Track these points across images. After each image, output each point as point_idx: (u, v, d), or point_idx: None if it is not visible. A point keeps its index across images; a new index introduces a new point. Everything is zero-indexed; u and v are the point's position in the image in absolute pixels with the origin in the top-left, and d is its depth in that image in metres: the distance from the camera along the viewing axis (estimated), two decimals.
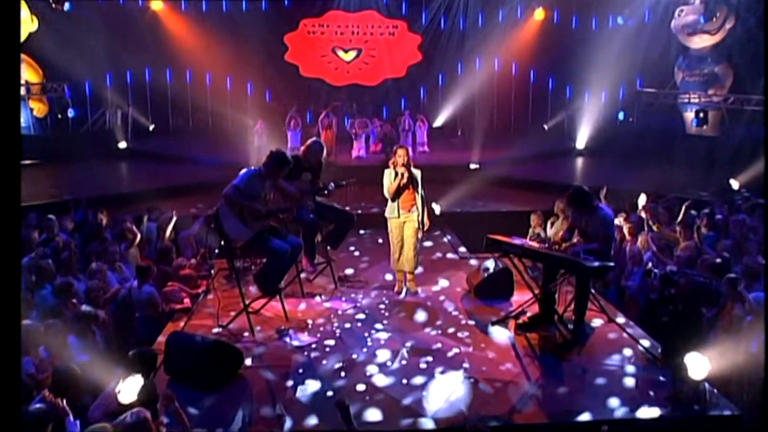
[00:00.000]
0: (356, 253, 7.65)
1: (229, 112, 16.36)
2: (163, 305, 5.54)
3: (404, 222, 5.98)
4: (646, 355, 4.87)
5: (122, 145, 14.49)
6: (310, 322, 5.41)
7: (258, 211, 4.95)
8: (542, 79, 17.30)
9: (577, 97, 16.49)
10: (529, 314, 5.37)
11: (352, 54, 17.36)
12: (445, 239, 8.26)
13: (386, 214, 6.01)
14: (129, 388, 3.35)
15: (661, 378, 4.44)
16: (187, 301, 5.75)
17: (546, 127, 16.85)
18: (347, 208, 6.51)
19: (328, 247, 6.29)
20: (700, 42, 14.09)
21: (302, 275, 6.06)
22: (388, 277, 6.52)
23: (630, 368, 4.67)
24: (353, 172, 7.83)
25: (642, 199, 7.27)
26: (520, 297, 5.65)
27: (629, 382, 4.47)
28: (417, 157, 12.64)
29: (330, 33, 17.24)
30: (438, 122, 16.50)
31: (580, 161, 14.06)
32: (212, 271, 6.51)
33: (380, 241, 7.63)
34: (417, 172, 5.97)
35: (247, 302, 5.25)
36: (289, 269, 5.48)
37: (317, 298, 6.00)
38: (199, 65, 16.20)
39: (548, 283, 5.36)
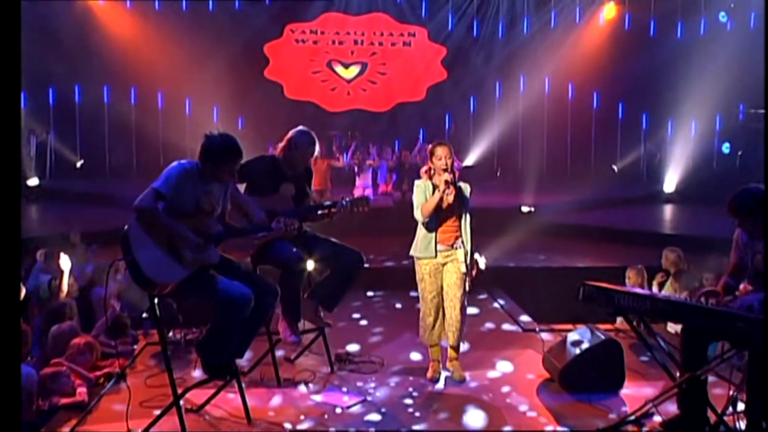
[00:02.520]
0: (363, 322, 6.84)
1: (189, 144, 15.40)
2: (39, 401, 4.46)
3: (444, 264, 5.13)
4: None
5: (32, 182, 13.73)
6: (288, 426, 4.44)
7: (205, 231, 4.01)
8: (609, 104, 16.83)
9: (657, 128, 16.11)
10: (661, 418, 4.37)
11: (354, 70, 16.95)
12: (495, 304, 7.58)
13: (415, 253, 5.18)
14: None
15: None
16: (81, 391, 4.74)
17: (615, 168, 16.30)
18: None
19: (320, 307, 5.28)
20: None
21: (279, 352, 5.26)
22: (415, 356, 5.76)
23: None
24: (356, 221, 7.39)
25: None
26: (637, 389, 5.00)
27: None
28: None
29: (325, 42, 16.90)
30: (469, 160, 15.95)
31: (669, 209, 13.61)
32: (135, 346, 5.80)
33: (398, 305, 7.40)
34: (465, 187, 5.17)
35: (180, 392, 4.25)
36: (255, 336, 4.44)
37: (302, 388, 5.06)
38: (148, 82, 15.60)
39: (694, 363, 4.21)
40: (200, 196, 4.03)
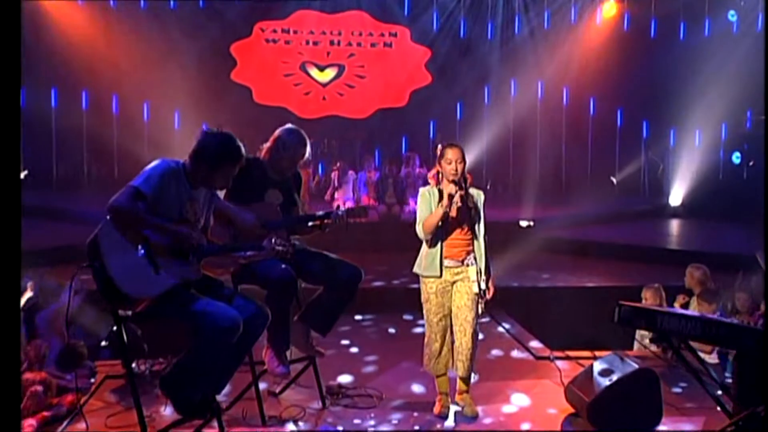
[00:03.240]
0: (353, 350, 6.58)
1: (146, 153, 15.04)
2: None
3: (454, 282, 4.89)
4: None
5: None
6: None
7: (186, 239, 3.75)
8: (607, 111, 16.75)
9: (659, 137, 16.07)
10: None
11: (330, 73, 16.70)
12: (500, 328, 7.37)
13: (418, 270, 4.94)
14: None
15: None
16: None
17: (614, 179, 16.28)
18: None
19: (311, 332, 5.02)
20: None
21: (262, 385, 4.93)
22: (417, 388, 5.55)
23: None
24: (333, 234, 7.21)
25: None
26: (675, 425, 4.82)
27: None
28: None
29: (299, 42, 16.64)
30: None
31: (676, 224, 13.59)
32: (92, 379, 5.48)
33: (391, 330, 7.25)
34: (478, 194, 4.95)
35: None
36: (237, 367, 4.16)
37: (290, 427, 4.79)
38: (101, 84, 15.19)
39: (752, 396, 4.02)
40: (185, 202, 3.78)
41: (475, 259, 4.82)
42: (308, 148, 4.86)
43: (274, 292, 4.53)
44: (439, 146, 4.92)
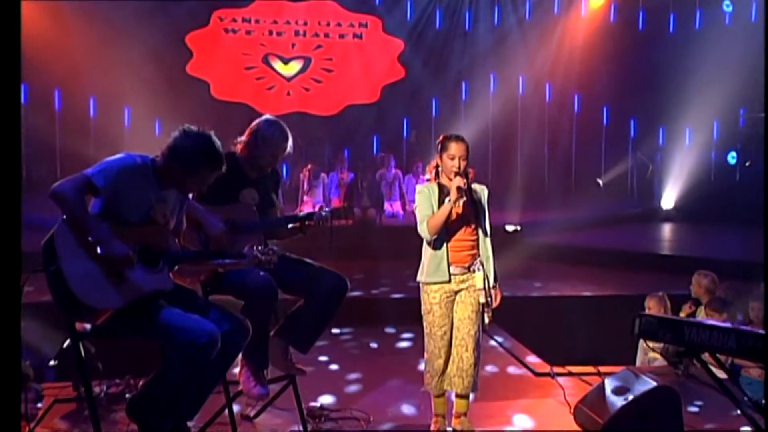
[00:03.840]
0: (333, 367, 6.38)
1: (92, 152, 14.69)
2: None
3: (458, 291, 4.72)
4: None
5: None
6: None
7: (156, 248, 3.60)
8: (592, 108, 16.86)
9: (647, 136, 16.22)
10: None
11: (295, 66, 16.58)
12: (493, 342, 7.22)
13: (422, 277, 4.77)
14: None
15: None
16: None
17: (601, 181, 16.39)
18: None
19: (290, 348, 4.79)
20: None
21: (236, 408, 4.71)
22: (407, 409, 5.40)
23: None
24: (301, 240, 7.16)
25: None
26: None
27: None
28: (411, 219, 12.45)
29: (261, 32, 16.48)
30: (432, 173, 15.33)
31: (670, 228, 13.66)
32: (39, 404, 5.24)
33: (373, 345, 7.10)
34: (482, 190, 4.84)
35: None
36: (214, 389, 3.96)
37: None
38: (42, 78, 14.75)
39: None
40: (153, 202, 3.58)
41: (481, 264, 4.65)
42: (290, 142, 4.68)
43: (252, 303, 4.31)
44: (441, 137, 4.77)
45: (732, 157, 14.52)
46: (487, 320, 4.70)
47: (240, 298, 4.35)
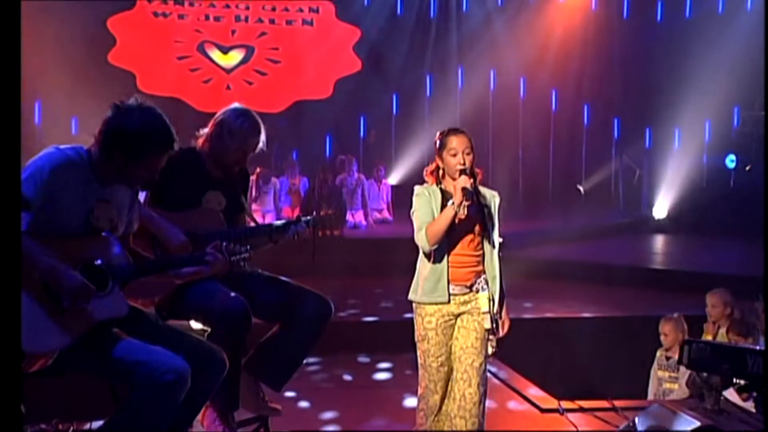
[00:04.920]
0: (303, 404, 6.16)
1: None
2: None
3: (459, 315, 4.50)
4: None
5: None
6: None
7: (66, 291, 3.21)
8: (571, 106, 17.02)
9: (632, 137, 16.44)
10: None
11: (236, 57, 16.44)
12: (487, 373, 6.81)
13: (415, 297, 4.53)
14: None
15: None
16: None
17: (581, 188, 16.46)
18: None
19: (261, 384, 4.62)
20: None
21: None
22: None
23: None
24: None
25: None
26: None
27: None
28: (376, 230, 12.90)
29: (196, 17, 16.29)
30: (393, 179, 15.78)
31: (664, 240, 13.82)
32: None
33: (347, 377, 6.98)
34: (492, 196, 4.67)
35: None
36: None
37: None
38: None
39: None
40: (91, 205, 3.30)
41: (486, 282, 4.45)
42: (263, 136, 4.46)
43: (220, 330, 4.05)
44: (438, 134, 4.60)
45: (731, 161, 14.73)
46: (491, 351, 4.52)
47: (205, 323, 4.11)
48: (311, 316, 4.46)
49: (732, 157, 14.61)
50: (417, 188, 4.56)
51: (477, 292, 4.44)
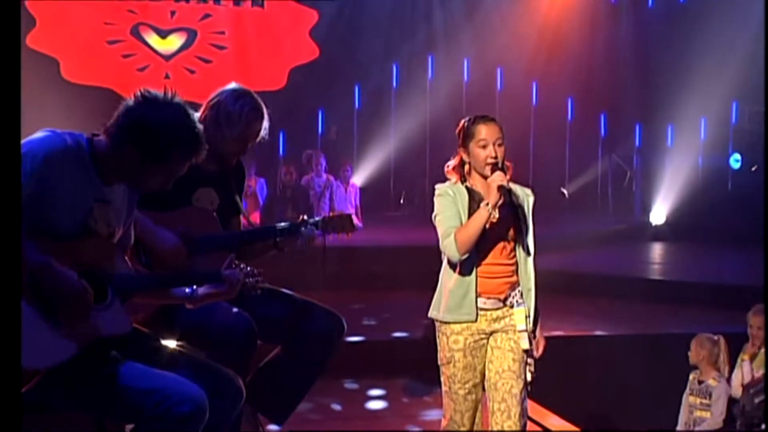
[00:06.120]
0: None
1: None
2: None
3: (491, 333, 4.38)
4: None
5: None
6: None
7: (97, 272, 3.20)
8: (553, 100, 17.16)
9: (621, 135, 16.70)
10: None
11: (176, 41, 16.19)
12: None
13: (437, 313, 4.42)
14: None
15: None
16: None
17: (566, 191, 16.81)
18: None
19: (260, 416, 4.70)
20: None
21: None
22: None
23: None
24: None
25: None
26: None
27: None
28: (345, 237, 12.71)
29: None
30: (356, 179, 15.74)
31: (665, 248, 13.89)
32: None
33: (335, 407, 6.86)
34: (525, 195, 4.55)
35: None
36: None
37: None
38: None
39: None
40: (91, 204, 3.15)
41: (521, 296, 4.31)
42: (266, 122, 4.38)
43: (220, 353, 3.91)
44: (462, 123, 4.49)
45: (735, 161, 14.94)
46: (529, 376, 4.40)
47: (201, 345, 3.97)
48: (320, 335, 4.41)
49: (737, 156, 14.84)
50: (439, 187, 4.42)
51: (511, 306, 4.30)
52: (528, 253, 4.35)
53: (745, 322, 6.90)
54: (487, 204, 4.12)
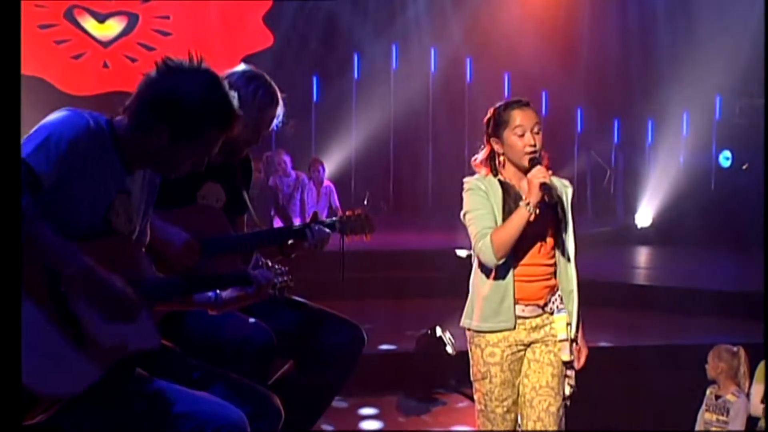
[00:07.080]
0: None
1: None
2: None
3: (530, 344, 4.34)
4: None
5: None
6: None
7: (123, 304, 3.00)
8: (526, 93, 16.17)
9: (598, 131, 16.84)
10: None
11: (115, 26, 16.14)
12: None
13: (470, 322, 4.32)
14: None
15: None
16: None
17: None
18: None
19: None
20: None
21: None
22: None
23: None
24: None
25: None
26: None
27: None
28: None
29: None
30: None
31: (653, 253, 14.04)
32: None
33: (326, 428, 6.69)
34: (564, 188, 4.43)
35: None
36: None
37: None
38: None
39: None
40: (113, 195, 2.97)
41: (561, 300, 4.23)
42: (281, 108, 4.34)
43: (236, 366, 3.76)
44: (493, 110, 4.42)
45: (725, 158, 15.08)
46: (568, 391, 4.35)
47: (213, 360, 3.76)
48: (338, 348, 4.33)
49: (727, 154, 14.98)
50: (468, 181, 4.31)
51: (551, 313, 4.23)
52: (569, 252, 4.29)
53: (744, 330, 6.97)
54: (528, 203, 4.01)
